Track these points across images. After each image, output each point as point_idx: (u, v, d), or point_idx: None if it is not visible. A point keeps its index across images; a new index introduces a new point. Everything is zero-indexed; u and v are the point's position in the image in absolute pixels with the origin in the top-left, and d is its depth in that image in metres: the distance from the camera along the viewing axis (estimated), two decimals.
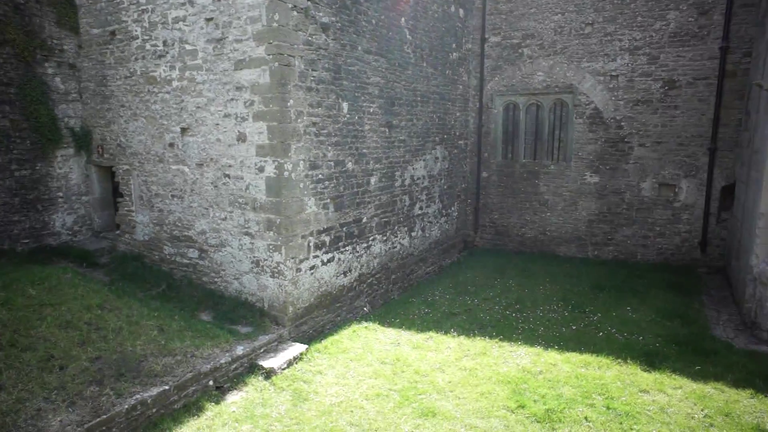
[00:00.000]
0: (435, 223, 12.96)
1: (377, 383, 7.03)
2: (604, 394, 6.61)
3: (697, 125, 12.12)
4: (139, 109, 9.28)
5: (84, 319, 6.59)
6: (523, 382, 6.94)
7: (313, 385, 7.01)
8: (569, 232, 13.89)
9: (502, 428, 5.93)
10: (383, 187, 10.40)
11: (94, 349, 6.19)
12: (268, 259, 8.11)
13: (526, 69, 13.85)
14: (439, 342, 8.36)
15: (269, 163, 7.84)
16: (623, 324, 8.92)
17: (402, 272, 11.44)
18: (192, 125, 8.62)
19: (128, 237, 9.99)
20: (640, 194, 12.95)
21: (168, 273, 9.35)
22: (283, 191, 7.82)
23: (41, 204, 9.68)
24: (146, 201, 9.54)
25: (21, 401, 5.20)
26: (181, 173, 8.91)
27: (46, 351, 5.87)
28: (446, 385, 6.94)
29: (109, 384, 5.85)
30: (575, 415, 6.14)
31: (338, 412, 6.32)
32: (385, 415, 6.23)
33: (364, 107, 9.56)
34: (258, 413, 6.30)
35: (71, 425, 5.21)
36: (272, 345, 7.76)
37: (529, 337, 8.48)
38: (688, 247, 12.58)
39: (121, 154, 9.77)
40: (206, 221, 8.74)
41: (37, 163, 9.56)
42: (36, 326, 6.13)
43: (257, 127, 7.86)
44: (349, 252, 9.47)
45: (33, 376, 5.52)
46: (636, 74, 12.57)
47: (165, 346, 6.74)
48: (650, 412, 6.20)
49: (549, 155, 14.00)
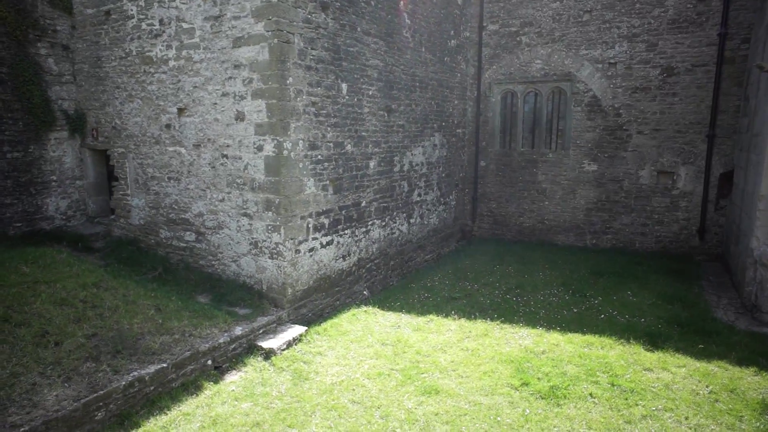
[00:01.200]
0: (433, 210, 12.88)
1: (378, 363, 6.93)
2: (608, 372, 6.54)
3: (695, 112, 12.11)
4: (135, 91, 9.13)
5: (79, 296, 6.44)
6: (526, 361, 6.87)
7: (314, 365, 6.90)
8: (567, 221, 13.85)
9: (506, 405, 5.85)
10: (382, 172, 10.30)
11: (90, 326, 6.05)
12: (267, 240, 7.99)
13: (524, 57, 13.79)
14: (439, 324, 8.28)
15: (268, 141, 7.71)
16: (624, 307, 8.88)
17: (401, 259, 11.34)
18: (189, 105, 8.47)
19: (123, 221, 9.83)
20: (639, 182, 12.93)
21: (164, 257, 9.20)
22: (282, 170, 7.70)
23: (34, 187, 9.50)
24: (142, 184, 9.39)
25: (15, 375, 5.06)
26: (178, 155, 8.77)
27: (41, 327, 5.73)
28: (448, 365, 6.86)
29: (106, 361, 5.72)
30: (580, 391, 6.08)
31: (340, 390, 6.22)
32: (387, 393, 6.13)
33: (363, 89, 9.45)
34: (258, 392, 6.19)
35: (67, 400, 5.07)
36: (271, 327, 7.64)
37: (531, 319, 8.41)
38: (687, 235, 12.57)
39: (116, 137, 9.61)
40: (203, 203, 8.60)
41: (30, 145, 9.38)
42: (30, 303, 5.98)
43: (256, 105, 7.73)
44: (348, 236, 9.36)
45: (27, 351, 5.37)
46: (634, 61, 12.54)
47: (162, 325, 6.60)
48: (655, 389, 6.14)
49: (547, 144, 13.95)
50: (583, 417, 5.58)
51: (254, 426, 5.46)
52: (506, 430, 5.35)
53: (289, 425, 5.47)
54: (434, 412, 5.70)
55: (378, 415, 5.65)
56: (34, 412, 4.83)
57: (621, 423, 5.46)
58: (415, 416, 5.62)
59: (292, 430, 5.38)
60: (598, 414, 5.64)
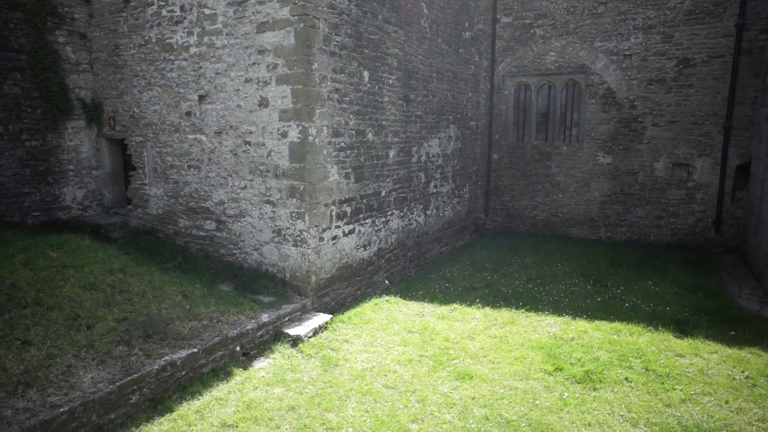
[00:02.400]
0: (448, 203, 12.82)
1: (407, 350, 6.87)
2: (641, 357, 6.49)
3: (711, 104, 12.07)
4: (154, 78, 9.05)
5: (107, 281, 6.36)
6: (557, 347, 6.81)
7: (342, 352, 6.84)
8: (581, 214, 13.80)
9: (542, 389, 5.79)
10: (401, 162, 10.24)
11: (120, 310, 5.98)
12: (291, 228, 7.92)
13: (538, 49, 13.74)
14: (464, 313, 8.22)
15: (293, 127, 7.65)
16: (647, 296, 8.83)
17: (418, 250, 11.28)
18: (210, 92, 8.40)
19: (141, 211, 9.75)
20: (654, 174, 12.89)
21: (183, 247, 9.12)
22: (308, 156, 7.63)
23: (52, 176, 9.42)
24: (160, 173, 9.31)
25: (51, 357, 4.99)
26: (199, 142, 8.70)
27: (72, 310, 5.65)
28: (478, 351, 6.80)
29: (137, 345, 5.65)
30: (615, 376, 6.02)
31: (372, 375, 6.15)
32: (420, 379, 6.07)
33: (384, 78, 9.39)
34: (289, 378, 6.12)
35: (103, 382, 5.00)
36: (296, 314, 7.57)
37: (555, 307, 8.36)
38: (702, 227, 12.53)
39: (134, 126, 9.53)
40: (224, 191, 8.53)
41: (47, 133, 9.29)
42: (59, 286, 5.90)
43: (280, 91, 7.66)
44: (368, 225, 9.30)
45: (61, 333, 5.30)
46: (650, 53, 12.50)
47: (190, 310, 6.53)
48: (690, 374, 6.09)
49: (561, 136, 13.91)
50: (622, 400, 5.52)
51: (289, 410, 5.40)
52: (545, 413, 5.29)
53: (325, 409, 5.41)
54: (470, 396, 5.64)
55: (414, 399, 5.59)
56: (71, 393, 4.76)
57: (660, 406, 5.41)
58: (452, 400, 5.56)
59: (329, 414, 5.31)
60: (636, 397, 5.59)
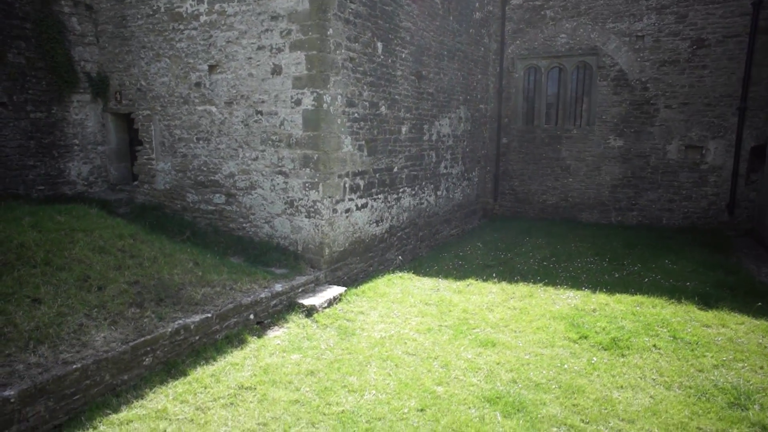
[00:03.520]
0: (458, 185, 12.63)
1: (425, 320, 6.67)
2: (667, 327, 6.31)
3: (726, 85, 11.90)
4: (163, 49, 8.84)
5: (117, 246, 6.16)
6: (579, 317, 6.63)
7: (358, 323, 6.64)
8: (592, 198, 13.63)
9: (568, 355, 5.61)
10: (413, 139, 10.05)
11: (131, 273, 5.77)
12: (304, 199, 7.72)
13: (548, 31, 13.56)
14: (480, 287, 8.03)
15: (307, 95, 7.45)
16: (666, 273, 8.65)
17: (428, 230, 11.09)
18: (221, 61, 8.20)
19: (147, 187, 9.54)
20: (666, 157, 12.72)
21: (191, 222, 8.92)
22: (322, 125, 7.43)
23: (57, 150, 9.20)
24: (168, 147, 9.10)
25: (62, 315, 4.78)
26: (208, 114, 8.49)
27: (82, 272, 5.45)
28: (498, 321, 6.61)
29: (150, 307, 5.44)
30: (642, 343, 5.84)
31: (391, 343, 5.96)
32: (442, 346, 5.88)
33: (397, 51, 9.20)
34: (305, 345, 5.92)
35: (115, 342, 4.80)
36: (309, 286, 7.38)
37: (574, 282, 8.18)
38: (716, 210, 12.36)
39: (141, 99, 9.32)
40: (235, 163, 8.33)
41: (52, 106, 9.07)
42: (68, 248, 5.70)
43: (294, 57, 7.47)
44: (381, 201, 9.11)
45: (71, 293, 5.09)
46: (663, 34, 12.33)
47: (202, 277, 6.33)
48: (719, 343, 5.90)
49: (571, 119, 13.73)
50: (652, 366, 5.34)
51: (308, 374, 5.20)
52: (575, 376, 5.10)
53: (345, 373, 5.21)
54: (495, 361, 5.45)
55: (437, 365, 5.40)
56: (83, 351, 4.56)
57: (693, 371, 5.22)
58: (476, 365, 5.37)
59: (350, 377, 5.12)
60: (667, 363, 5.40)
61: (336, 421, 4.33)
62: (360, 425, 4.26)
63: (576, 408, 4.51)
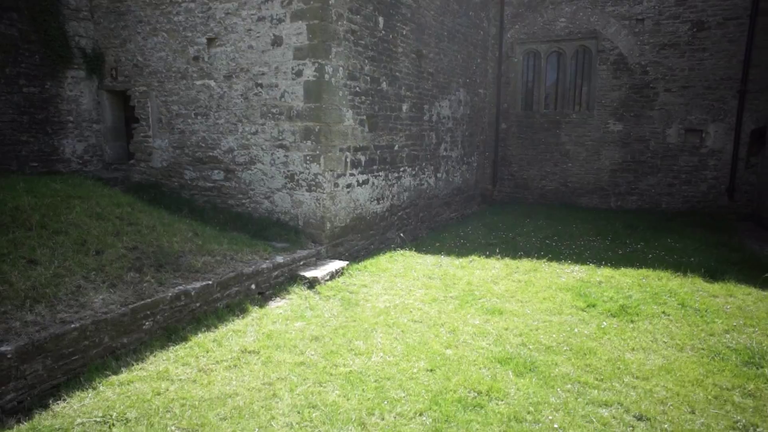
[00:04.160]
0: (458, 168, 12.53)
1: (430, 292, 6.56)
2: (675, 296, 6.24)
3: (726, 67, 11.87)
4: (160, 23, 8.66)
5: (115, 213, 6.00)
6: (586, 288, 6.54)
7: (361, 294, 6.52)
8: (591, 183, 13.57)
9: (577, 321, 5.51)
10: (413, 118, 9.94)
11: (130, 239, 5.62)
12: (305, 172, 7.59)
13: (548, 15, 13.49)
14: (483, 263, 7.93)
15: (308, 66, 7.31)
16: (669, 251, 8.59)
17: (429, 212, 10.98)
18: (220, 34, 8.04)
19: (144, 165, 9.36)
20: (666, 141, 12.68)
21: (189, 199, 8.75)
22: (324, 95, 7.30)
23: (50, 126, 9.00)
24: (165, 123, 8.93)
25: (59, 276, 4.63)
26: (207, 88, 8.33)
27: (80, 236, 5.29)
28: (504, 292, 6.51)
29: (149, 273, 5.30)
30: (651, 310, 5.76)
31: (396, 312, 5.84)
32: (448, 314, 5.77)
33: (398, 28, 9.08)
34: (308, 314, 5.79)
35: (114, 304, 4.65)
36: (311, 260, 7.25)
37: (577, 258, 8.10)
38: (715, 194, 12.33)
39: (137, 75, 9.13)
40: (234, 138, 8.17)
41: (46, 81, 8.87)
42: (65, 213, 5.54)
43: (296, 27, 7.33)
44: (382, 178, 8.99)
45: (68, 256, 4.94)
46: (663, 17, 12.28)
47: (202, 246, 6.19)
48: (728, 311, 5.83)
49: (571, 104, 13.67)
50: (663, 330, 5.26)
51: (313, 340, 5.07)
52: (585, 339, 5.01)
53: (351, 338, 5.08)
54: (504, 327, 5.35)
55: (444, 331, 5.29)
56: (82, 312, 4.41)
57: (704, 335, 5.15)
58: (484, 330, 5.26)
59: (357, 342, 4.99)
60: (677, 328, 5.32)
61: (344, 381, 4.20)
62: (369, 384, 4.14)
63: (588, 368, 4.42)
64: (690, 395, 3.93)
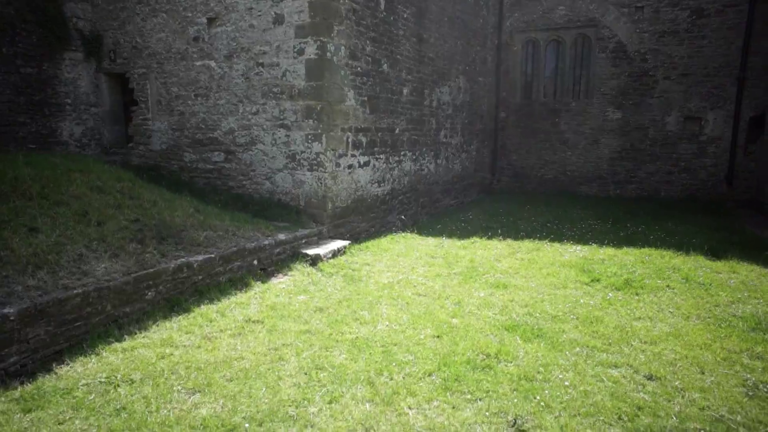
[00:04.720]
0: (457, 156, 12.50)
1: (433, 269, 6.54)
2: (678, 272, 6.23)
3: (725, 55, 11.89)
4: (159, 4, 8.59)
5: (116, 187, 5.94)
6: (589, 265, 6.53)
7: (364, 272, 6.48)
8: (590, 171, 13.57)
9: (582, 294, 5.50)
10: (414, 102, 9.90)
11: (131, 212, 5.57)
12: (306, 151, 7.54)
13: (547, 3, 13.48)
14: (485, 244, 7.91)
15: (310, 44, 7.26)
16: (670, 233, 8.59)
17: (429, 198, 10.96)
18: (220, 14, 7.98)
19: (143, 148, 9.28)
20: (665, 129, 12.70)
21: (188, 182, 8.68)
22: (326, 74, 7.25)
23: (48, 108, 8.91)
24: (165, 105, 8.86)
25: (60, 245, 4.57)
26: (207, 69, 8.26)
27: (81, 207, 5.23)
28: (508, 269, 6.49)
29: (152, 244, 5.24)
30: (655, 284, 5.75)
31: (400, 287, 5.81)
32: (453, 288, 5.74)
33: (398, 10, 9.04)
34: (311, 289, 5.76)
35: (117, 273, 4.60)
36: (312, 239, 7.21)
37: (579, 239, 8.09)
38: (714, 182, 12.36)
39: (136, 57, 9.05)
40: (234, 119, 8.11)
41: (43, 62, 8.78)
42: (66, 185, 5.47)
43: (297, 5, 7.27)
44: (383, 161, 8.95)
45: (70, 225, 4.88)
46: (662, 4, 12.29)
47: (204, 221, 6.14)
48: (732, 285, 5.83)
49: (570, 92, 13.66)
50: (668, 302, 5.25)
51: (317, 311, 5.03)
52: (592, 309, 4.99)
53: (355, 309, 5.05)
54: (509, 299, 5.33)
55: (449, 303, 5.26)
56: (84, 279, 4.35)
57: (709, 306, 5.14)
58: (490, 302, 5.24)
59: (362, 312, 4.95)
60: (682, 300, 5.32)
61: (350, 346, 4.17)
62: (375, 349, 4.11)
63: (596, 334, 4.40)
64: (699, 357, 3.92)
